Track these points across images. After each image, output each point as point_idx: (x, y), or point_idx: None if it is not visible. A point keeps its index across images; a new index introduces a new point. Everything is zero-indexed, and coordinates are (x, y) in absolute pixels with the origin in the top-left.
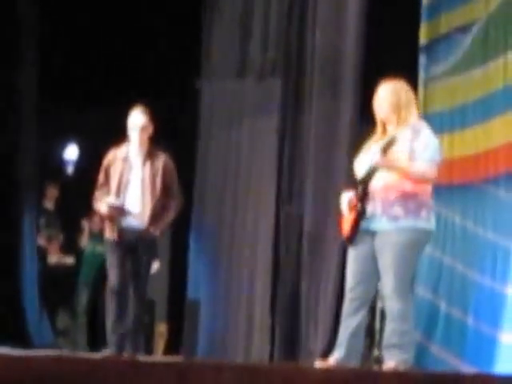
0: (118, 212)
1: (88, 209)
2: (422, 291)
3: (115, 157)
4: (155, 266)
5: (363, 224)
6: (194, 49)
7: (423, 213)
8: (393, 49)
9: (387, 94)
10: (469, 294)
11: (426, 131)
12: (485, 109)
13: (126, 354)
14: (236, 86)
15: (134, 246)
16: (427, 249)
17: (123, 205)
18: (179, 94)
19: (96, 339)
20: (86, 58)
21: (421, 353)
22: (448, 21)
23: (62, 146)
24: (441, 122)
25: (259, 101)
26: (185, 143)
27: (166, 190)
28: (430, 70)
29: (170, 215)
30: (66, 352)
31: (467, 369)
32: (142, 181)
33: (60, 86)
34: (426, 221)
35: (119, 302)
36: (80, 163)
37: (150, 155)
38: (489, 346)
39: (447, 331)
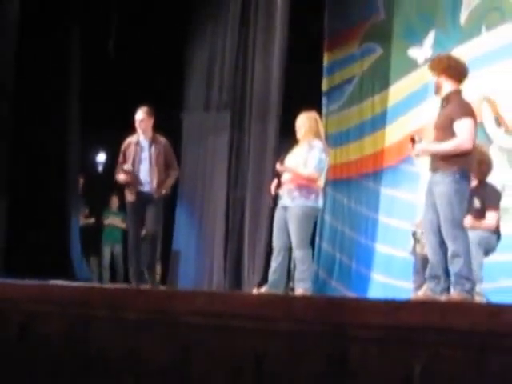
0: (132, 178)
1: (111, 193)
2: (325, 246)
3: (129, 142)
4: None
5: (280, 201)
6: (178, 91)
7: (312, 196)
8: (305, 93)
9: (298, 121)
10: (353, 247)
11: (316, 149)
12: (361, 130)
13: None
14: (203, 116)
15: (146, 204)
16: (328, 219)
17: (136, 173)
18: (167, 122)
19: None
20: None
21: (324, 286)
22: (340, 75)
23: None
24: (336, 140)
25: (217, 126)
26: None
27: (167, 164)
28: (329, 107)
29: (172, 180)
30: (96, 284)
31: (352, 295)
32: (150, 158)
33: (91, 115)
34: (314, 201)
35: (137, 249)
36: (106, 164)
37: (154, 140)
38: (365, 281)
39: (340, 272)
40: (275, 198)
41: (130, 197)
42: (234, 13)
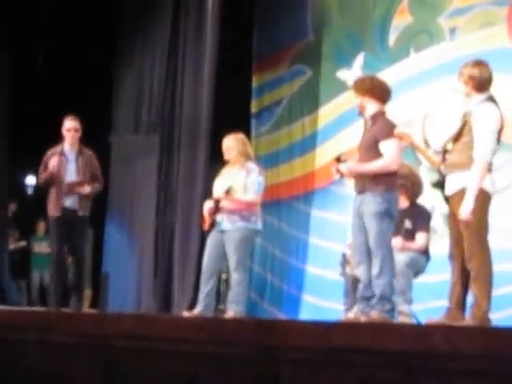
0: (57, 174)
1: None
2: (257, 268)
3: (53, 153)
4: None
5: (217, 226)
6: (106, 113)
7: (252, 218)
8: (234, 116)
9: (227, 143)
10: (283, 269)
11: (254, 172)
12: (290, 152)
13: (71, 307)
14: (132, 138)
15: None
16: (259, 241)
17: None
18: (96, 144)
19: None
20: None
21: (255, 308)
22: (268, 97)
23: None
24: (265, 162)
25: (146, 149)
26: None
27: (92, 177)
28: (258, 129)
29: (93, 191)
30: (25, 307)
31: (283, 317)
32: (77, 171)
33: (20, 138)
34: (254, 223)
35: (60, 268)
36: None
37: (80, 151)
38: (296, 303)
39: (271, 293)
40: (211, 224)
41: (53, 211)
42: (164, 35)
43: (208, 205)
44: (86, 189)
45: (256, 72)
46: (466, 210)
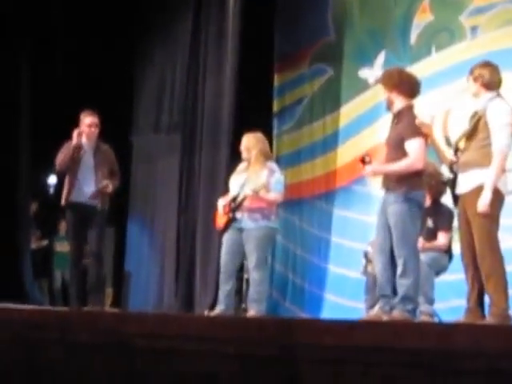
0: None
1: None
2: (278, 267)
3: (70, 143)
4: None
5: (235, 223)
6: (128, 113)
7: (272, 217)
8: (256, 115)
9: (247, 142)
10: (305, 268)
11: (277, 172)
12: (312, 151)
13: (89, 307)
14: (153, 138)
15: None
16: (280, 239)
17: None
18: (117, 145)
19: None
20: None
21: (277, 307)
22: (290, 97)
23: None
24: (287, 160)
25: (167, 148)
26: (122, 173)
27: (111, 172)
28: (280, 128)
29: (113, 187)
30: (48, 307)
31: (305, 316)
32: (95, 166)
33: (42, 138)
34: (274, 222)
35: (80, 264)
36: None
37: (98, 147)
38: (318, 302)
39: (293, 292)
40: (228, 222)
41: (65, 200)
42: (185, 34)
43: (223, 203)
44: (110, 188)
45: (277, 71)
46: (484, 200)
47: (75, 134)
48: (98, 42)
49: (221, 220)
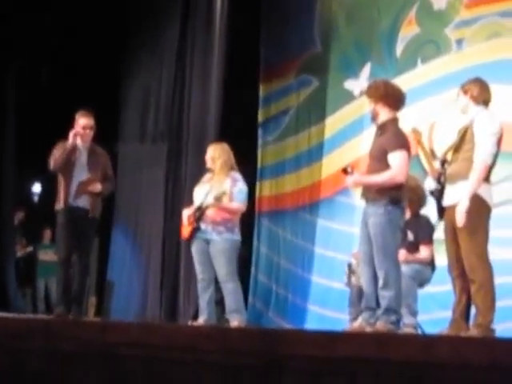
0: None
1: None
2: (262, 277)
3: (64, 143)
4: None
5: (199, 233)
6: (113, 122)
7: (236, 229)
8: (241, 125)
9: (213, 152)
10: (289, 279)
11: (240, 182)
12: (297, 162)
13: (72, 315)
14: (138, 147)
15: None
16: (264, 250)
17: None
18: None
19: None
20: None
21: (260, 317)
22: (276, 107)
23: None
24: (272, 171)
25: (153, 157)
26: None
27: (104, 176)
28: (265, 138)
29: (106, 191)
30: (31, 315)
31: (289, 327)
32: (89, 168)
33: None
34: (237, 235)
35: (68, 271)
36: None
37: (92, 149)
38: (301, 313)
39: (276, 303)
40: (193, 232)
41: (59, 204)
42: (171, 44)
43: (188, 213)
44: (98, 186)
45: (263, 82)
46: (460, 209)
47: (71, 134)
48: (84, 51)
49: (186, 230)
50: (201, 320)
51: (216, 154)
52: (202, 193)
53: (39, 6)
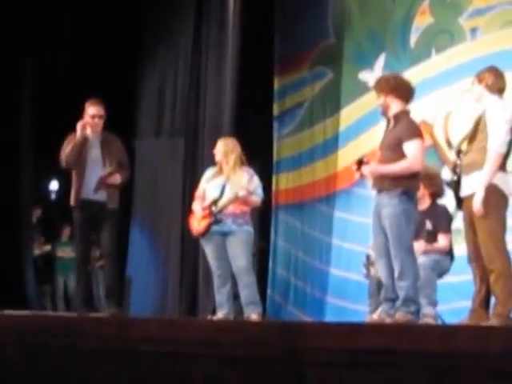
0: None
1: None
2: (280, 270)
3: (75, 137)
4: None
5: (216, 227)
6: (129, 117)
7: (251, 222)
8: (257, 118)
9: (225, 146)
10: (307, 271)
11: (255, 176)
12: (312, 154)
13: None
14: (155, 143)
15: (99, 219)
16: (282, 243)
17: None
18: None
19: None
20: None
21: (279, 310)
22: (290, 100)
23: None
24: (288, 164)
25: (170, 152)
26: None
27: (120, 165)
28: (281, 131)
29: (120, 180)
30: (51, 313)
31: (308, 319)
32: (103, 159)
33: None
34: (252, 227)
35: (87, 267)
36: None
37: (105, 138)
38: (320, 305)
39: (295, 296)
40: (210, 225)
41: (73, 201)
42: (186, 39)
43: (199, 207)
44: (117, 178)
45: (278, 74)
46: (477, 199)
47: (79, 126)
48: (100, 46)
49: (200, 224)
50: (220, 314)
51: (229, 147)
52: (216, 187)
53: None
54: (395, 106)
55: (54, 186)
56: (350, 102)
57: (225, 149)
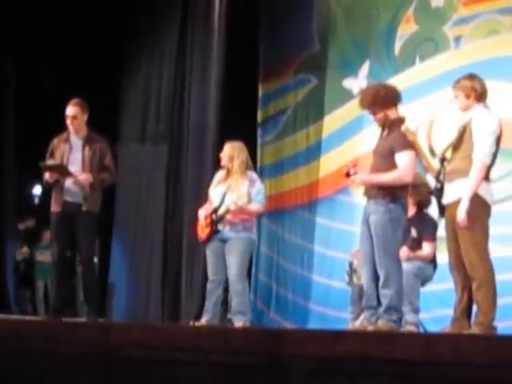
0: (61, 170)
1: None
2: (262, 277)
3: (59, 140)
4: None
5: (217, 235)
6: (112, 122)
7: (253, 229)
8: (241, 124)
9: (231, 151)
10: (289, 278)
11: (257, 182)
12: (295, 161)
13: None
14: (139, 148)
15: (76, 220)
16: (264, 249)
17: (62, 163)
18: None
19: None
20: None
21: (261, 317)
22: (274, 106)
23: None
24: (270, 170)
25: (153, 158)
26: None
27: (103, 167)
28: (264, 137)
29: (104, 183)
30: (32, 317)
31: (290, 326)
32: (83, 160)
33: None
34: (254, 234)
35: (61, 271)
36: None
37: (88, 139)
38: (302, 312)
39: (277, 302)
40: (211, 234)
41: (54, 206)
42: (171, 44)
43: (204, 213)
44: (88, 178)
45: (262, 81)
46: (461, 210)
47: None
48: (84, 51)
49: (203, 231)
50: (203, 320)
51: (235, 152)
52: (219, 194)
53: (40, 4)
54: (383, 115)
55: (37, 190)
56: (333, 109)
57: (230, 153)
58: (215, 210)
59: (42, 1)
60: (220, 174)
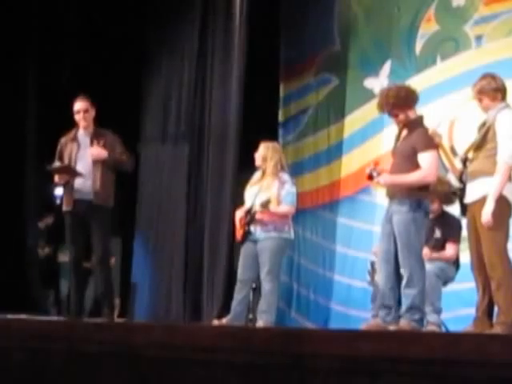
0: (69, 172)
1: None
2: (283, 277)
3: (66, 141)
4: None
5: (250, 236)
6: (134, 122)
7: (285, 228)
8: (263, 124)
9: (265, 152)
10: (310, 278)
11: (288, 184)
12: (316, 161)
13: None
14: (160, 148)
15: (89, 218)
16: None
17: (69, 165)
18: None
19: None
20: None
21: (283, 317)
22: (295, 106)
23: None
24: (291, 170)
25: (174, 158)
26: (129, 183)
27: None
28: (285, 137)
29: (124, 163)
30: (56, 318)
31: (311, 326)
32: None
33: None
34: (287, 233)
35: (79, 273)
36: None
37: (96, 134)
38: (324, 312)
39: (299, 302)
40: (244, 234)
41: (65, 205)
42: (192, 45)
43: (240, 215)
44: (103, 153)
45: (283, 80)
46: (487, 211)
47: (56, 179)
48: (106, 52)
49: (238, 232)
50: (225, 319)
51: (269, 153)
52: (252, 195)
53: (60, 5)
54: (405, 116)
55: (59, 191)
56: (354, 109)
57: (264, 154)
58: (248, 211)
59: (62, 3)
60: (256, 175)
